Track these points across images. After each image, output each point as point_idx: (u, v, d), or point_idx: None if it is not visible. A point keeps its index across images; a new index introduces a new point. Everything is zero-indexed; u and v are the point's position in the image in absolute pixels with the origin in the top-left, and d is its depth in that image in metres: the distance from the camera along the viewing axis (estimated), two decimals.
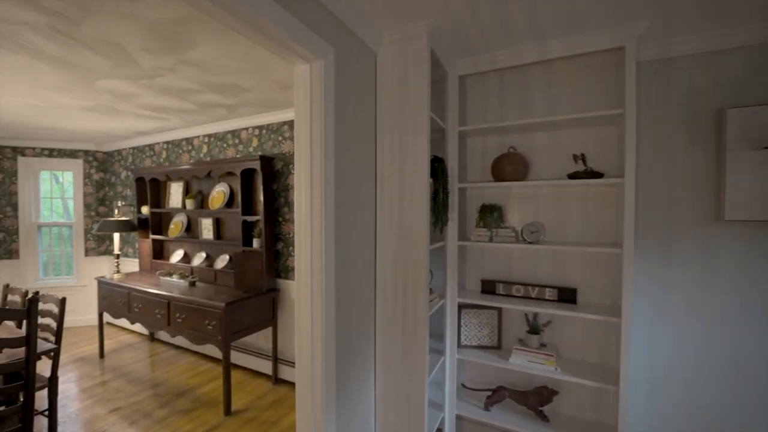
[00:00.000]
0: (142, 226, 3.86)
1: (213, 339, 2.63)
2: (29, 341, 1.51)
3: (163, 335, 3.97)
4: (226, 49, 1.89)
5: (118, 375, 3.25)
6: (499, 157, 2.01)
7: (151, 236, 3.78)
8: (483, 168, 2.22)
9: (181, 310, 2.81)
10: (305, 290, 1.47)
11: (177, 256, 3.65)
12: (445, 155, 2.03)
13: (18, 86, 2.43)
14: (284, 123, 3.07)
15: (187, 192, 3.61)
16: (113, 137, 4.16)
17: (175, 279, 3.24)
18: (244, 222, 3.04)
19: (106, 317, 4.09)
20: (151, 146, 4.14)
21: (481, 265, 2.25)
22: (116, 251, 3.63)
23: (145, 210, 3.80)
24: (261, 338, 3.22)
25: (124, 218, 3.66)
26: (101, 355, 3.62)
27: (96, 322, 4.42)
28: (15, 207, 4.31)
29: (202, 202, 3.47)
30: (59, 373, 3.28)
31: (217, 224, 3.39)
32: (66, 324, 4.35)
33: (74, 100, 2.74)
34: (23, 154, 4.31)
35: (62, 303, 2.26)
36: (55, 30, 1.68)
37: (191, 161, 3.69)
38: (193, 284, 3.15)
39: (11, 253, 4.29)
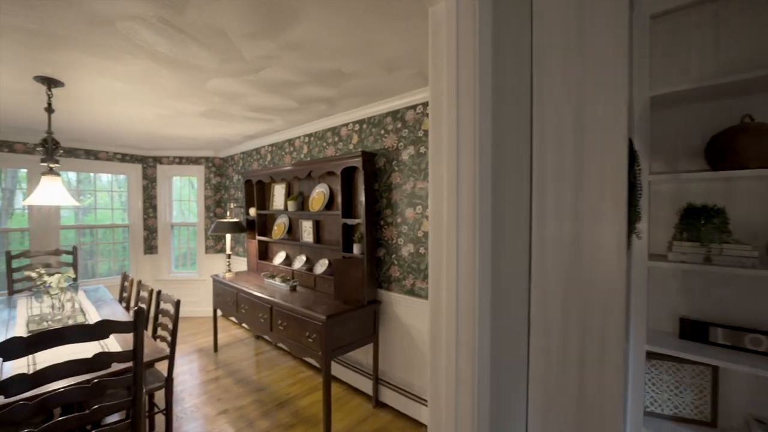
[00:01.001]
0: (250, 227, 3.98)
1: (313, 353, 2.41)
2: (136, 355, 1.39)
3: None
4: (330, 20, 1.57)
5: (228, 372, 3.33)
6: (729, 132, 1.28)
7: (257, 237, 3.86)
8: (683, 150, 1.49)
9: (282, 317, 2.68)
10: (447, 335, 1.02)
11: (279, 257, 3.64)
12: (631, 133, 1.37)
13: (146, 96, 2.57)
14: (387, 114, 2.72)
15: (288, 193, 3.56)
16: (227, 143, 4.42)
17: (277, 282, 3.18)
18: (344, 225, 2.78)
19: (220, 312, 4.36)
20: (257, 150, 4.28)
21: (675, 296, 1.52)
22: (227, 251, 3.79)
23: (252, 212, 3.90)
24: (360, 352, 2.94)
25: (234, 220, 3.81)
26: (215, 348, 3.83)
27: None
28: (155, 209, 4.93)
29: (302, 203, 3.37)
30: (180, 362, 3.54)
31: (317, 227, 3.24)
32: (189, 314, 4.82)
33: (191, 105, 2.83)
34: (161, 162, 4.92)
35: (177, 306, 2.28)
36: (163, 21, 1.57)
37: (293, 162, 3.65)
38: (294, 289, 3.04)
39: (153, 249, 4.92)
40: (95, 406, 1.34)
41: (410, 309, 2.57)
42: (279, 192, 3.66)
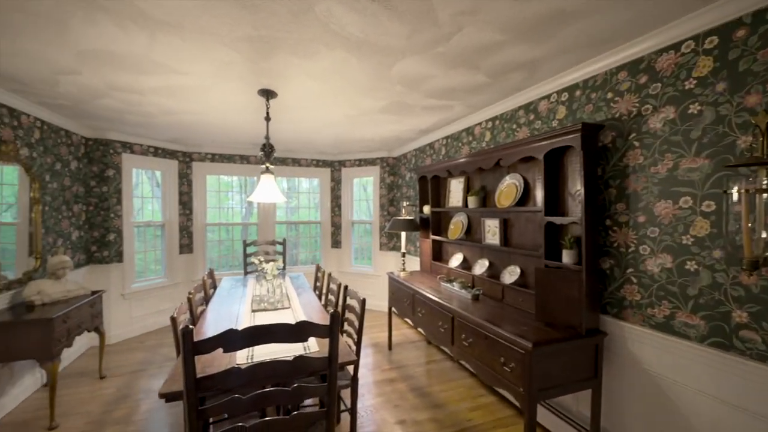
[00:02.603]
0: (424, 225, 3.80)
1: (511, 387, 1.88)
2: (331, 362, 1.23)
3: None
4: None
5: (403, 376, 3.19)
6: None
7: (431, 236, 3.63)
8: None
9: (467, 332, 2.27)
10: None
11: (456, 260, 3.28)
12: None
13: (336, 93, 2.65)
14: (618, 69, 1.93)
15: (468, 188, 3.15)
16: (400, 141, 4.41)
17: (456, 287, 2.81)
18: (548, 225, 2.14)
19: (395, 310, 4.38)
20: (431, 145, 4.08)
21: None
22: (403, 249, 3.71)
23: (426, 209, 3.70)
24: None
25: (409, 217, 3.70)
26: (389, 346, 3.81)
27: (386, 309, 4.92)
28: (340, 207, 5.48)
29: (485, 199, 2.89)
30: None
31: (505, 226, 2.69)
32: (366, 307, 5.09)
33: (375, 101, 2.79)
34: (344, 165, 5.42)
35: (362, 305, 2.20)
36: None
37: (472, 152, 3.22)
38: (476, 298, 2.60)
39: (337, 243, 5.48)
40: (294, 413, 1.24)
41: (664, 352, 1.70)
42: (456, 187, 3.30)
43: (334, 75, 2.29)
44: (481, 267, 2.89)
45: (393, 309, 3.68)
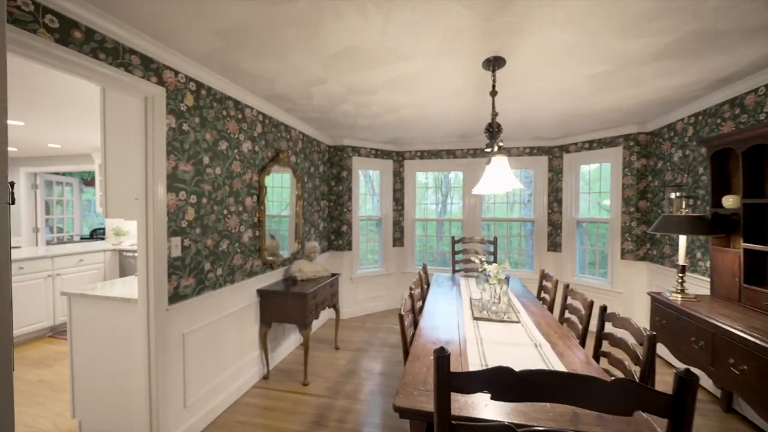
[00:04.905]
0: (723, 226, 2.45)
1: None
2: None
3: (748, 410, 2.35)
4: None
5: None
6: None
7: (743, 244, 2.27)
8: None
9: None
10: None
11: None
12: None
13: (588, 43, 1.93)
14: None
15: None
16: (668, 104, 3.08)
17: None
18: None
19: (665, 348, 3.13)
20: (736, 101, 2.61)
21: None
22: (681, 261, 2.51)
23: (730, 202, 2.36)
24: None
25: (692, 214, 2.47)
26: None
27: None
28: (560, 203, 4.51)
29: None
30: None
31: None
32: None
33: (650, 39, 1.89)
34: (567, 151, 4.41)
35: (651, 342, 1.42)
36: None
37: None
38: None
39: (556, 246, 4.55)
40: None
41: None
42: None
43: (591, 12, 1.62)
44: None
45: (661, 345, 2.55)
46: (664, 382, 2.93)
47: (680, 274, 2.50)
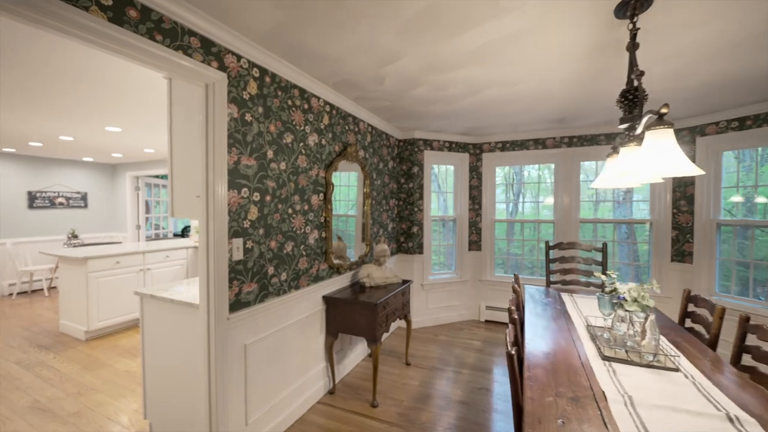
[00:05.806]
0: None
1: None
2: None
3: None
4: None
5: None
6: None
7: None
8: None
9: None
10: None
11: None
12: None
13: None
14: None
15: None
16: None
17: None
18: None
19: None
20: None
21: None
22: None
23: None
24: None
25: None
26: None
27: None
28: (689, 200, 3.53)
29: None
30: None
31: None
32: None
33: None
34: (703, 134, 3.42)
35: None
36: None
37: None
38: None
39: (682, 256, 3.57)
40: None
41: None
42: None
43: None
44: None
45: None
46: None
47: None
